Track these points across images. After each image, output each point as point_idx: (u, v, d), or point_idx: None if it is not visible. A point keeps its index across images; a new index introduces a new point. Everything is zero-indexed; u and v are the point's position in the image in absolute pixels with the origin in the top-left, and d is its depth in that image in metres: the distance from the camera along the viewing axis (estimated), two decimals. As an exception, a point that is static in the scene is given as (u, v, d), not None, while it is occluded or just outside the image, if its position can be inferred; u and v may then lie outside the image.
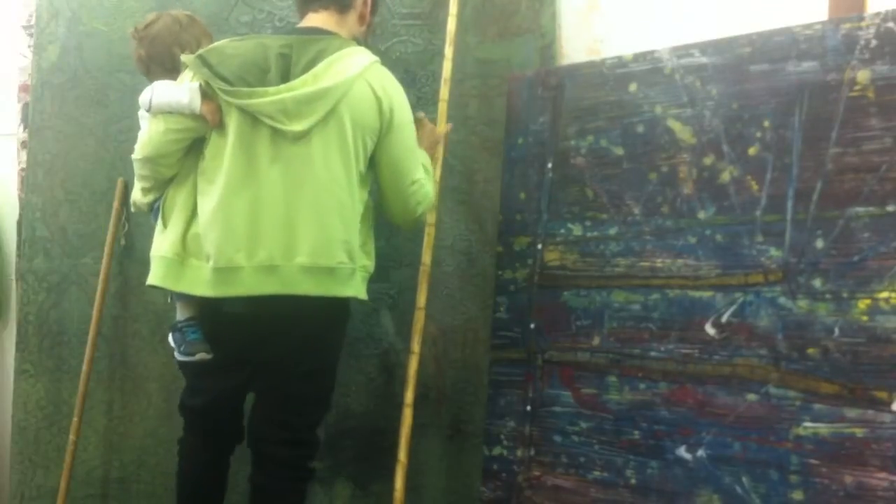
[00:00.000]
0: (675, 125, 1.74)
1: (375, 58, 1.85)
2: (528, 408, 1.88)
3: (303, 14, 1.90)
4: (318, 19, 1.87)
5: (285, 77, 1.78)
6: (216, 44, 1.86)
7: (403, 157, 1.87)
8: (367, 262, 1.91)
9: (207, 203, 1.81)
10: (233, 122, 1.79)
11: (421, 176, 1.90)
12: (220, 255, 1.77)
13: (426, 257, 2.05)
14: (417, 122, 1.95)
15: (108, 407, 2.40)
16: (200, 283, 1.81)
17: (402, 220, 1.96)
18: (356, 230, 1.85)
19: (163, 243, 1.86)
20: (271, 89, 1.76)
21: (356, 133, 1.80)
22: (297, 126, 1.75)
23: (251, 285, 1.77)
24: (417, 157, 1.91)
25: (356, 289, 1.86)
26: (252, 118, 1.77)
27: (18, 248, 2.56)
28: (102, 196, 2.47)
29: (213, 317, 1.87)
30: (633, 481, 1.72)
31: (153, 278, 1.86)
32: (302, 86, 1.76)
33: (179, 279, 1.83)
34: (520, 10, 2.18)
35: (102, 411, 2.41)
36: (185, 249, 1.84)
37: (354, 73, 1.78)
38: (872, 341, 1.48)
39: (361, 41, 1.93)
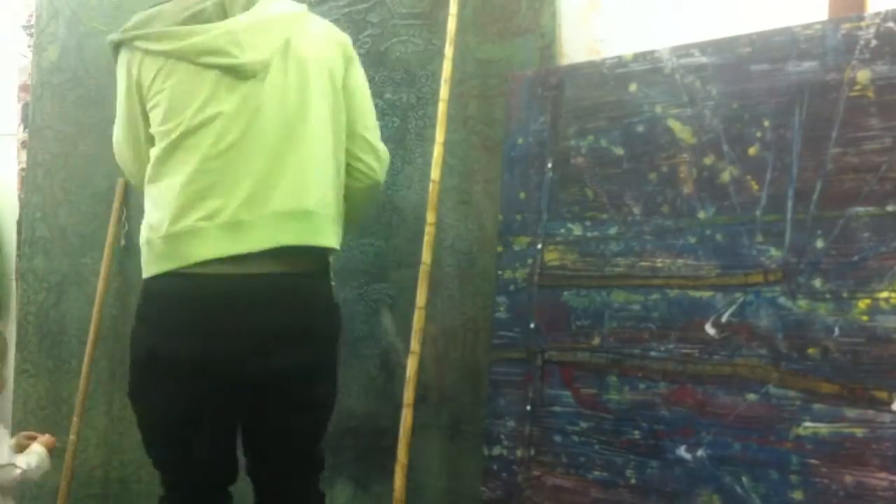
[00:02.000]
0: (675, 125, 1.74)
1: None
2: (528, 408, 1.88)
3: None
4: None
5: (225, 17, 1.62)
6: (138, 15, 1.69)
7: (365, 96, 1.78)
8: (340, 230, 1.76)
9: (174, 178, 1.61)
10: (173, 79, 1.60)
11: (376, 130, 1.81)
12: (171, 221, 1.58)
13: (426, 257, 2.05)
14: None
15: (108, 407, 2.40)
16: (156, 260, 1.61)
17: (367, 183, 1.83)
18: (330, 181, 1.70)
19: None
20: (216, 24, 1.59)
21: (323, 74, 1.67)
22: (254, 56, 1.58)
23: (214, 246, 1.56)
24: (373, 111, 1.82)
25: (334, 240, 1.70)
26: (197, 66, 1.58)
27: (18, 248, 2.56)
28: (102, 196, 2.47)
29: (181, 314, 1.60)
30: (633, 481, 1.72)
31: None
32: (247, 19, 1.61)
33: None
34: (520, 10, 2.18)
35: (102, 411, 2.41)
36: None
37: (300, 8, 1.69)
38: (872, 341, 1.48)
39: None
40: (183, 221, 1.57)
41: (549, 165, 1.91)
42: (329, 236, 1.70)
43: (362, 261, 2.28)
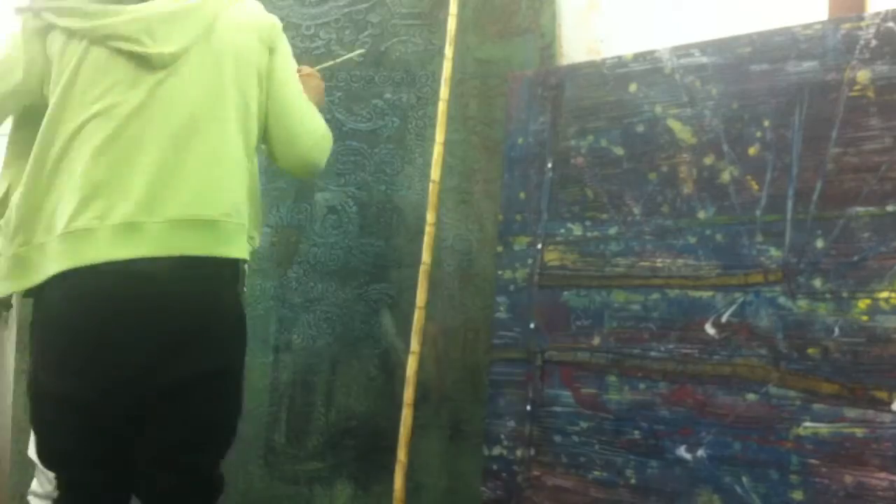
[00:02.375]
0: (675, 125, 1.74)
1: None
2: (528, 408, 1.88)
3: None
4: None
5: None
6: None
7: (293, 93, 1.64)
8: (255, 233, 1.61)
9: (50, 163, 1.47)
10: (75, 59, 1.47)
11: (317, 116, 1.68)
12: (68, 219, 1.43)
13: (426, 257, 2.05)
14: (300, 72, 1.74)
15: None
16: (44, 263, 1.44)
17: (294, 166, 1.69)
18: (243, 184, 1.55)
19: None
20: (128, 7, 1.48)
21: (242, 68, 1.55)
22: (166, 47, 1.46)
23: (107, 249, 1.41)
24: (304, 96, 1.68)
25: (243, 251, 1.54)
26: (105, 49, 1.47)
27: (18, 248, 2.56)
28: (102, 196, 2.47)
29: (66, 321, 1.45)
30: (633, 481, 1.72)
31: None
32: (165, 5, 1.49)
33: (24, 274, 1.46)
34: (520, 10, 2.18)
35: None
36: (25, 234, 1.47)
37: (224, 1, 1.55)
38: (872, 341, 1.48)
39: None
40: (78, 220, 1.44)
41: (549, 165, 1.91)
42: (236, 247, 1.53)
43: (362, 261, 2.28)
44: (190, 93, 1.49)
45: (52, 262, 1.44)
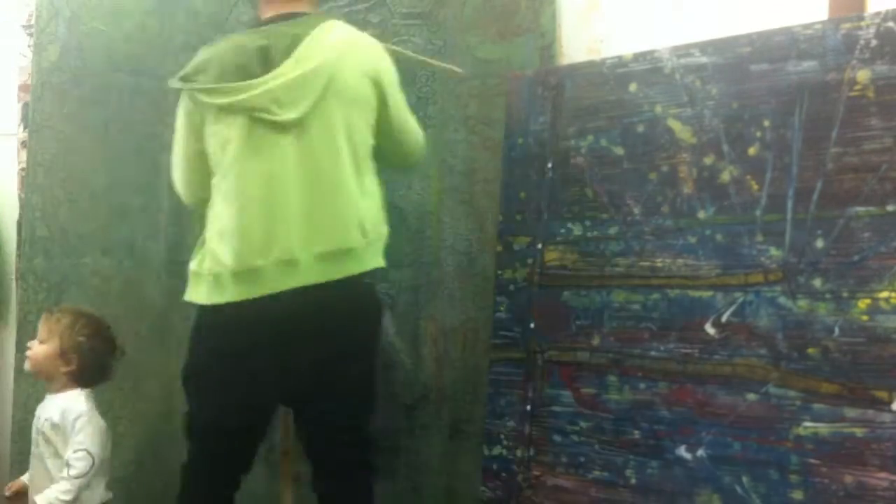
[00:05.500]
0: (675, 125, 1.74)
1: (351, 27, 1.89)
2: (528, 408, 1.88)
3: (269, 2, 1.88)
4: (286, 3, 1.86)
5: (267, 68, 1.77)
6: (195, 58, 1.86)
7: (403, 119, 1.94)
8: (383, 228, 1.92)
9: (224, 212, 1.81)
10: (221, 125, 1.80)
11: (416, 128, 2.00)
12: (239, 259, 1.77)
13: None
14: None
15: (108, 407, 2.40)
16: (219, 291, 1.80)
17: (402, 165, 2.09)
18: (367, 206, 1.86)
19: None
20: (256, 81, 1.76)
21: (354, 111, 1.81)
22: (291, 114, 1.75)
23: (272, 283, 1.76)
24: (410, 115, 1.99)
25: (376, 260, 1.88)
26: (248, 118, 1.77)
27: (18, 248, 2.56)
28: (102, 196, 2.48)
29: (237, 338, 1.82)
30: (633, 481, 1.72)
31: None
32: (287, 72, 1.76)
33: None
34: (520, 10, 2.18)
35: (102, 411, 2.41)
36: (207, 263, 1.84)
37: (338, 51, 1.79)
38: (872, 341, 1.48)
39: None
40: (244, 261, 1.77)
41: (549, 165, 1.91)
42: (370, 260, 1.86)
43: (362, 261, 2.28)
44: (316, 148, 1.78)
45: (229, 291, 1.79)
